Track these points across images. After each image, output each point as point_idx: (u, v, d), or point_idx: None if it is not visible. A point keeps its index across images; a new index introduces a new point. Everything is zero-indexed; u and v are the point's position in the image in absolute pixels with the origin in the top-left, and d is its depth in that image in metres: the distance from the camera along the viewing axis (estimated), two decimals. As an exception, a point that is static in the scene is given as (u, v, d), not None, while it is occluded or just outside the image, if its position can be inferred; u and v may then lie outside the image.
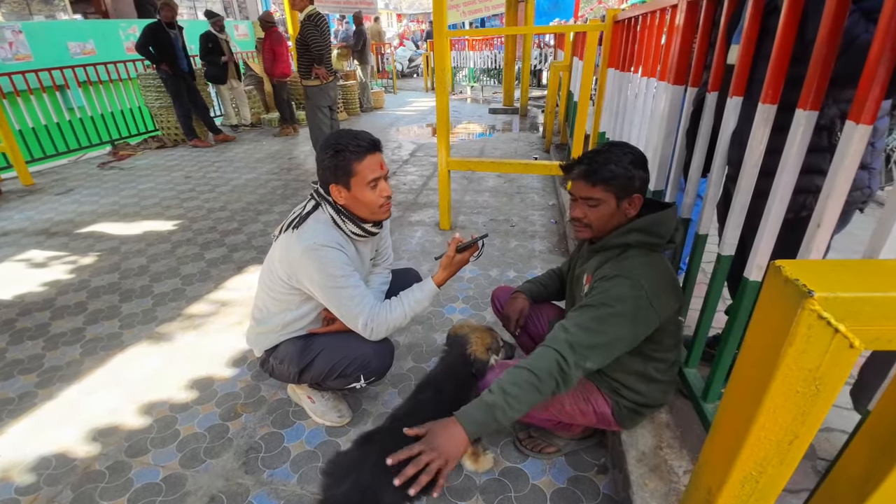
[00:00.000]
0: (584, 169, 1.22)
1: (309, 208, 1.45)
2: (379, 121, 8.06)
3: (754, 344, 0.56)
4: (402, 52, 13.88)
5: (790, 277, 0.49)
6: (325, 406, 1.69)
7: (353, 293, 1.41)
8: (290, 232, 1.42)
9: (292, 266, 1.41)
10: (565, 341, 1.13)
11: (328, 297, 1.41)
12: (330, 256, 1.38)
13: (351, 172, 1.35)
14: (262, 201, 4.17)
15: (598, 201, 1.22)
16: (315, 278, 1.39)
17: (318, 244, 1.37)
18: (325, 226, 1.43)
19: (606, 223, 1.25)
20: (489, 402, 1.10)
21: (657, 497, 1.25)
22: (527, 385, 1.10)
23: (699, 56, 1.38)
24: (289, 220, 1.47)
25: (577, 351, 1.11)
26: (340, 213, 1.43)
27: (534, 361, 1.13)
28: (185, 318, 2.41)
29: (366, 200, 1.39)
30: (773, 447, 0.57)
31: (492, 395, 1.10)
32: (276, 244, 1.50)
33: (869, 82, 0.72)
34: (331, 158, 1.35)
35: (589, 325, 1.13)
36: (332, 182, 1.38)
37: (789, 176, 0.94)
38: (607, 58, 2.62)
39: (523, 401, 1.09)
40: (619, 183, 1.19)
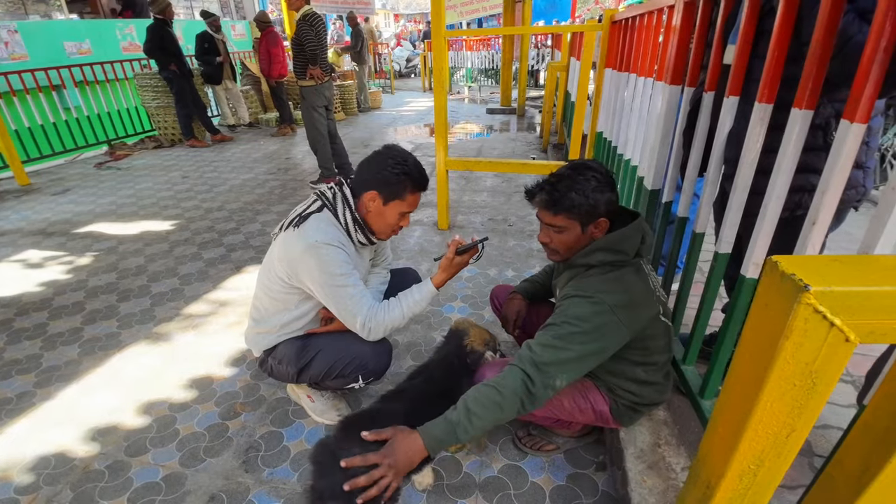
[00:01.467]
0: (545, 198, 1.22)
1: (313, 208, 1.45)
2: (377, 121, 8.06)
3: (751, 339, 0.57)
4: (400, 53, 13.88)
5: (786, 272, 0.50)
6: (325, 405, 1.70)
7: (352, 292, 1.41)
8: (291, 230, 1.42)
9: (293, 264, 1.42)
10: (530, 360, 1.14)
11: (327, 296, 1.42)
12: (331, 254, 1.38)
13: (399, 195, 1.40)
14: (260, 201, 4.17)
15: (562, 228, 1.23)
16: (315, 276, 1.39)
17: (319, 242, 1.37)
18: (326, 224, 1.43)
19: (572, 247, 1.26)
20: (452, 421, 1.12)
21: (655, 493, 1.26)
22: (491, 404, 1.11)
23: (696, 56, 1.39)
24: (289, 218, 1.47)
25: (542, 370, 1.12)
26: (357, 221, 1.44)
27: (500, 380, 1.14)
28: (183, 317, 2.41)
29: (389, 221, 1.45)
30: (770, 441, 0.57)
31: (455, 412, 1.13)
32: (275, 243, 1.50)
33: (863, 81, 0.73)
34: (397, 175, 1.38)
35: (553, 343, 1.14)
36: (376, 189, 1.40)
37: (785, 174, 0.95)
38: (605, 58, 2.63)
39: (485, 419, 1.11)
40: (580, 211, 1.19)
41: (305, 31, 3.95)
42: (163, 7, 5.54)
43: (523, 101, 7.47)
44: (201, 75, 6.56)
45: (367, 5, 8.49)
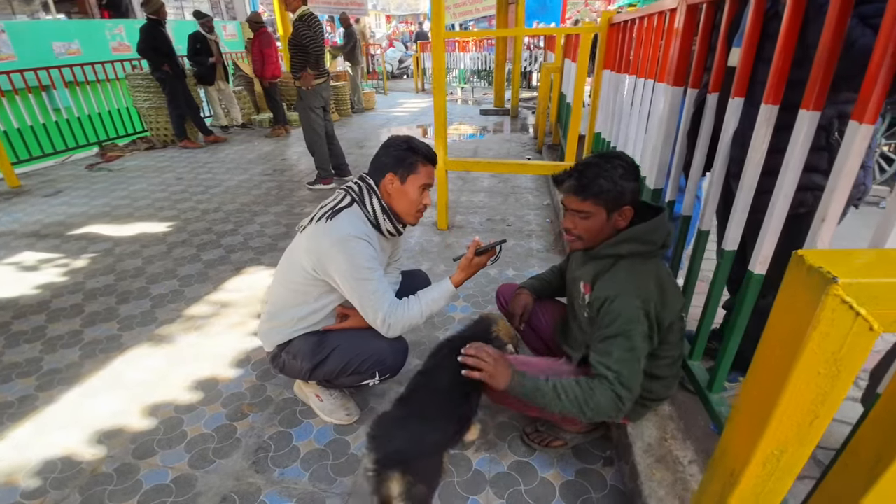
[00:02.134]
0: (573, 183, 1.25)
1: (344, 203, 1.48)
2: (371, 121, 8.06)
3: (777, 330, 0.59)
4: (392, 54, 13.89)
5: (814, 265, 0.53)
6: (334, 404, 1.71)
7: (377, 286, 1.44)
8: (323, 223, 1.45)
9: (321, 256, 1.43)
10: (617, 381, 1.18)
11: (352, 289, 1.43)
12: (360, 248, 1.41)
13: (414, 169, 1.47)
14: (257, 202, 4.15)
15: (588, 214, 1.25)
16: (343, 268, 1.41)
17: (350, 235, 1.41)
18: (356, 218, 1.47)
19: (596, 235, 1.28)
20: (541, 387, 1.23)
21: (664, 486, 1.29)
22: (575, 404, 1.19)
23: (699, 59, 1.43)
24: (320, 212, 1.50)
25: (627, 386, 1.18)
26: (385, 210, 1.49)
27: (593, 393, 1.18)
28: (185, 319, 2.40)
29: (411, 198, 1.50)
30: (794, 428, 0.60)
31: (547, 384, 1.23)
32: (301, 235, 1.53)
33: (872, 83, 0.76)
34: (404, 151, 1.47)
35: (627, 357, 1.19)
36: (391, 171, 1.47)
37: (793, 173, 0.98)
38: (602, 60, 2.66)
39: (562, 408, 1.21)
40: (608, 197, 1.21)
41: (304, 31, 3.93)
42: (157, 7, 5.50)
43: (517, 103, 7.51)
44: (194, 76, 6.52)
45: (360, 6, 8.48)
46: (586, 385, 1.20)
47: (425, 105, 9.55)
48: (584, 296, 1.32)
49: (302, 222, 1.58)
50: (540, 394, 1.22)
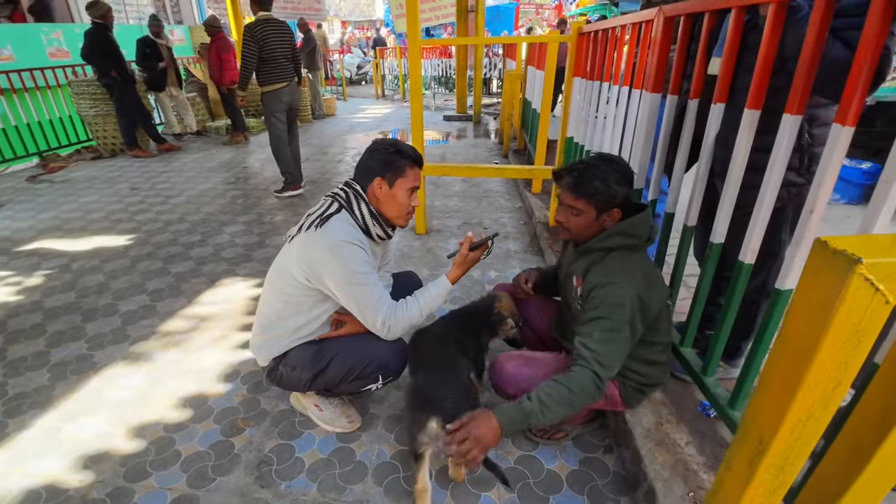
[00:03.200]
0: (571, 181, 1.33)
1: (332, 210, 1.47)
2: (333, 127, 7.97)
3: (802, 307, 0.66)
4: (350, 60, 13.78)
5: (838, 249, 0.60)
6: (334, 413, 1.69)
7: (373, 290, 1.44)
8: (313, 230, 1.43)
9: (314, 264, 1.42)
10: (595, 359, 1.23)
11: (349, 295, 1.43)
12: (354, 253, 1.41)
13: (402, 173, 1.47)
14: (224, 211, 4.02)
15: (580, 211, 1.34)
16: (337, 275, 1.40)
17: (343, 241, 1.40)
18: (347, 224, 1.46)
19: (584, 231, 1.37)
20: (527, 410, 1.20)
21: (667, 468, 1.36)
22: (563, 400, 1.21)
23: (678, 67, 1.54)
24: (308, 220, 1.48)
25: (606, 365, 1.24)
26: (374, 215, 1.48)
27: (570, 380, 1.23)
28: (161, 335, 2.29)
29: (400, 202, 1.50)
30: (819, 394, 0.67)
31: (530, 402, 1.21)
32: (290, 245, 1.51)
33: (853, 91, 0.87)
34: (391, 154, 1.47)
35: (608, 337, 1.25)
36: (379, 175, 1.47)
37: (779, 171, 1.08)
38: (573, 67, 2.78)
39: (557, 413, 1.21)
40: (600, 199, 1.30)
41: (245, 41, 3.87)
42: (104, 11, 5.23)
43: (479, 109, 7.65)
44: (144, 82, 6.22)
45: (318, 12, 8.38)
46: (564, 378, 1.23)
47: (388, 111, 9.54)
48: (577, 289, 1.39)
49: (289, 232, 1.57)
50: (533, 415, 1.20)
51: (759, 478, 0.76)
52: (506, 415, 1.20)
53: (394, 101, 11.17)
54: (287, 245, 1.55)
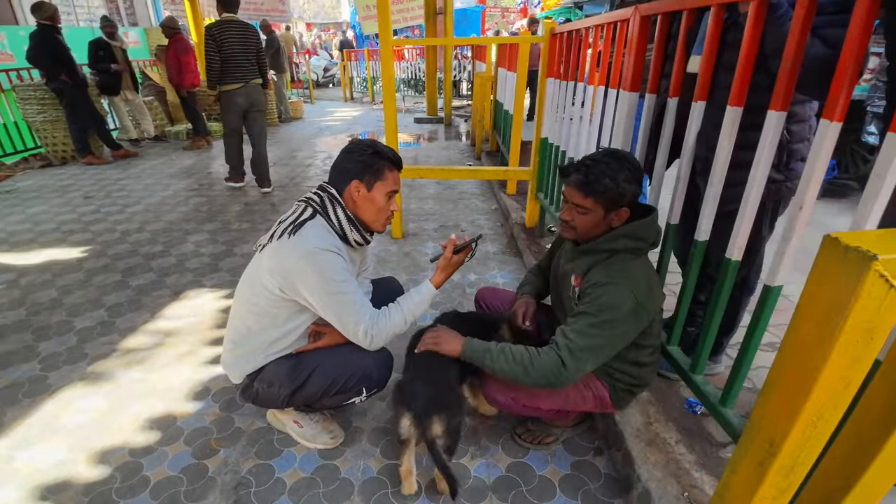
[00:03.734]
0: (580, 178, 1.28)
1: (306, 215, 1.39)
2: (301, 131, 7.79)
3: (812, 306, 0.64)
4: (317, 62, 13.53)
5: (851, 245, 0.59)
6: (315, 429, 1.61)
7: (353, 299, 1.37)
8: (286, 239, 1.35)
9: (288, 273, 1.34)
10: (566, 346, 1.24)
11: (327, 305, 1.35)
12: (330, 260, 1.34)
13: (381, 175, 1.42)
14: (187, 220, 3.83)
15: (587, 210, 1.29)
16: (314, 284, 1.33)
17: (318, 248, 1.32)
18: (322, 230, 1.38)
19: (591, 230, 1.33)
20: (489, 348, 1.33)
21: (659, 468, 1.35)
22: (519, 366, 1.27)
23: (656, 65, 1.54)
24: (280, 228, 1.40)
25: (576, 356, 1.23)
26: (350, 220, 1.41)
27: (537, 355, 1.27)
28: (122, 353, 2.14)
29: (379, 205, 1.44)
30: (831, 394, 0.66)
31: (496, 347, 1.33)
32: (261, 255, 1.43)
33: (840, 87, 0.87)
34: (369, 156, 1.40)
35: (587, 332, 1.23)
36: (356, 178, 1.40)
37: (764, 167, 1.09)
38: (546, 68, 2.79)
39: (506, 371, 1.29)
40: (609, 196, 1.26)
41: (206, 42, 4.00)
42: (51, 12, 4.94)
43: (450, 111, 7.64)
44: (97, 86, 5.90)
45: (283, 13, 8.18)
46: (532, 352, 1.27)
47: (357, 113, 9.41)
48: (575, 288, 1.36)
49: (259, 241, 1.49)
50: (489, 355, 1.30)
51: (770, 480, 0.75)
52: (471, 342, 1.36)
53: (363, 104, 11.04)
54: (258, 254, 1.47)
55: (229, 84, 4.14)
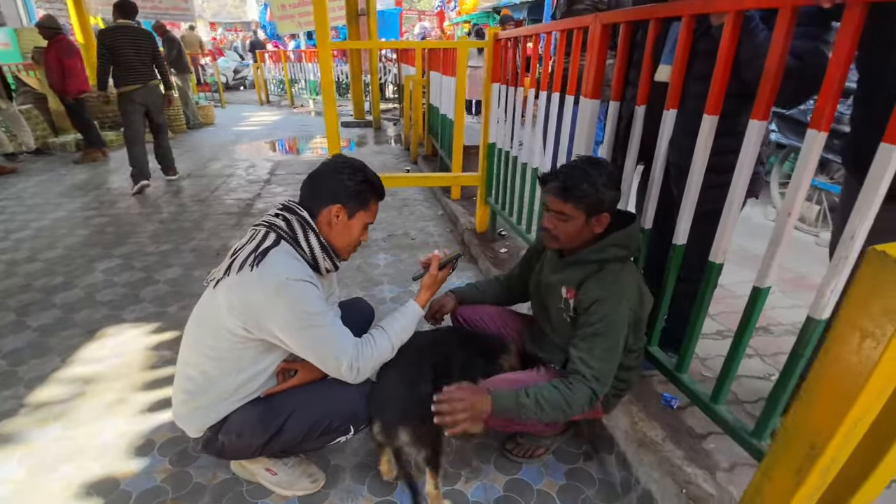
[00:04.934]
0: (558, 185, 1.28)
1: (268, 242, 1.23)
2: (214, 137, 7.21)
3: (862, 314, 0.66)
4: (225, 63, 12.60)
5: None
6: (292, 474, 1.44)
7: (332, 331, 1.24)
8: (247, 271, 1.19)
9: (254, 311, 1.19)
10: (594, 378, 1.25)
11: (302, 340, 1.21)
12: (304, 290, 1.20)
13: (365, 205, 1.33)
14: (90, 244, 3.35)
15: (568, 216, 1.29)
16: (286, 319, 1.19)
17: (289, 278, 1.18)
18: (290, 258, 1.24)
19: (574, 237, 1.33)
20: (522, 403, 1.23)
21: (655, 468, 1.38)
22: (557, 408, 1.24)
23: (619, 73, 1.57)
24: (238, 258, 1.22)
25: (602, 382, 1.26)
26: (325, 247, 1.28)
27: (570, 394, 1.24)
28: (32, 408, 1.80)
29: (353, 235, 1.34)
30: (875, 397, 0.68)
31: (527, 398, 1.23)
32: (214, 292, 1.26)
33: (825, 101, 0.93)
34: (359, 183, 1.31)
35: (607, 357, 1.26)
36: (339, 202, 1.28)
37: (746, 172, 1.14)
38: (490, 73, 2.79)
39: (547, 416, 1.25)
40: (589, 202, 1.26)
41: (98, 46, 4.25)
42: None
43: (378, 115, 7.48)
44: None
45: (185, 11, 7.48)
46: (564, 388, 1.25)
47: (277, 118, 8.91)
48: (568, 300, 1.35)
49: (211, 274, 1.32)
50: (525, 409, 1.23)
51: (810, 482, 0.76)
52: (500, 400, 1.23)
53: (281, 107, 10.49)
54: (210, 291, 1.29)
55: (125, 85, 4.36)
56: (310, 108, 10.03)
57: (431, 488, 1.32)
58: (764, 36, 1.16)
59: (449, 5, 13.43)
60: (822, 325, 1.00)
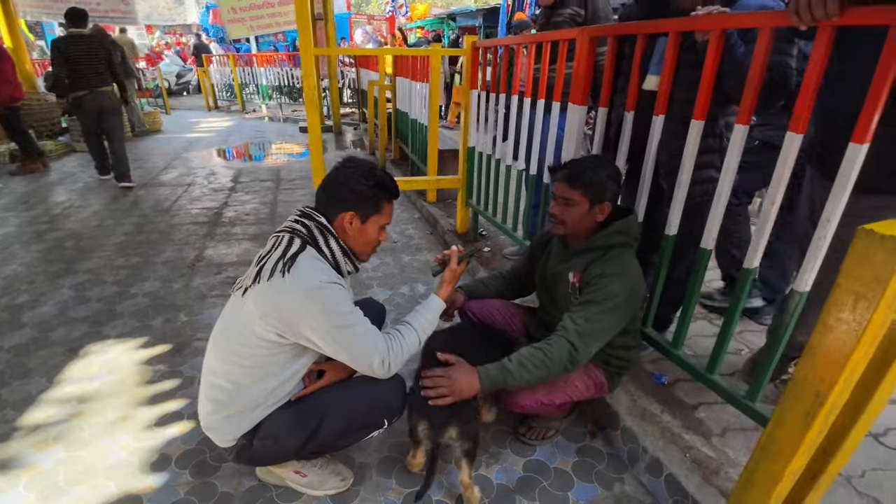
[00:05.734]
0: (566, 173, 1.44)
1: (295, 248, 1.27)
2: (165, 145, 6.89)
3: (851, 283, 0.81)
4: (167, 68, 11.98)
5: (886, 234, 0.77)
6: (322, 475, 1.48)
7: (364, 329, 1.30)
8: (279, 277, 1.22)
9: (290, 317, 1.23)
10: (576, 332, 1.36)
11: (336, 341, 1.26)
12: (335, 293, 1.25)
13: (378, 209, 1.34)
14: (50, 260, 3.17)
15: (574, 202, 1.44)
16: (321, 322, 1.23)
17: (322, 282, 1.23)
18: (319, 262, 1.29)
19: (578, 223, 1.47)
20: (506, 368, 1.36)
21: (658, 437, 1.53)
22: (540, 364, 1.35)
23: (607, 82, 1.73)
24: (266, 267, 1.25)
25: (584, 340, 1.36)
26: (345, 251, 1.33)
27: (549, 348, 1.36)
28: (27, 431, 1.71)
29: (370, 238, 1.37)
30: (868, 349, 0.85)
31: (511, 363, 1.36)
32: (242, 300, 1.28)
33: (803, 105, 1.10)
34: (371, 188, 1.30)
35: (593, 318, 1.38)
36: (352, 209, 1.30)
37: (732, 173, 1.31)
38: (468, 80, 2.90)
39: (533, 376, 1.36)
40: (594, 189, 1.42)
41: (53, 54, 4.45)
42: None
43: (338, 120, 7.42)
44: None
45: (126, 14, 7.09)
46: (543, 345, 1.38)
47: (229, 123, 8.61)
48: (575, 284, 1.49)
49: (240, 282, 1.34)
50: (510, 376, 1.35)
51: (817, 425, 0.92)
52: (487, 373, 1.35)
53: (231, 113, 10.15)
54: (238, 300, 1.31)
55: (77, 91, 4.54)
56: (263, 113, 9.77)
57: (466, 478, 1.38)
58: (742, 52, 1.34)
59: (400, 10, 13.50)
60: (804, 296, 1.18)
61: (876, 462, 1.43)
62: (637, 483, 1.53)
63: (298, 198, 4.54)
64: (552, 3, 2.36)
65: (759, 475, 1.03)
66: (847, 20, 0.98)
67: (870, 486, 1.35)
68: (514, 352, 1.43)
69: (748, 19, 1.25)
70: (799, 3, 1.02)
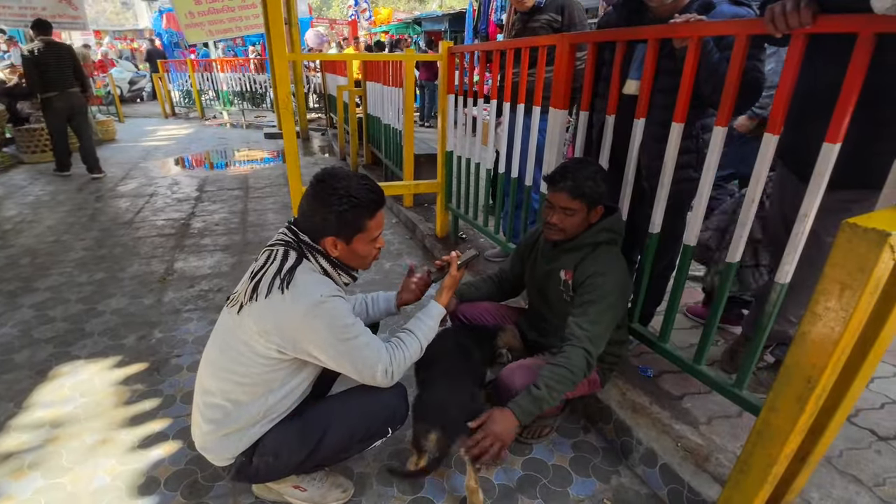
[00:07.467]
0: (569, 184, 1.46)
1: (291, 261, 1.24)
2: (122, 154, 6.60)
3: (837, 273, 0.87)
4: (119, 74, 11.43)
5: (868, 227, 0.83)
6: (322, 488, 1.45)
7: (365, 340, 1.28)
8: (279, 294, 1.20)
9: (290, 333, 1.20)
10: (587, 338, 1.41)
11: (339, 354, 1.24)
12: (337, 306, 1.23)
13: (360, 228, 1.25)
14: (5, 279, 2.99)
15: (575, 211, 1.48)
16: (324, 337, 1.21)
17: (324, 296, 1.20)
18: (318, 275, 1.27)
19: (577, 229, 1.53)
20: (537, 396, 1.37)
21: (650, 428, 1.59)
22: (566, 381, 1.38)
23: (588, 87, 1.78)
24: (263, 282, 1.22)
25: (595, 343, 1.42)
26: (336, 265, 1.30)
27: (568, 361, 1.39)
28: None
29: (362, 254, 1.31)
30: (854, 334, 0.91)
31: (539, 390, 1.37)
32: (239, 317, 1.25)
33: (778, 110, 1.18)
34: (345, 212, 1.21)
35: (597, 320, 1.43)
36: (332, 235, 1.24)
37: (712, 172, 1.38)
38: (445, 84, 2.93)
39: (562, 392, 1.39)
40: (592, 197, 1.47)
41: (25, 60, 4.99)
42: None
43: (306, 125, 7.30)
44: None
45: (76, 19, 6.72)
46: (562, 360, 1.40)
47: (189, 131, 8.32)
48: (567, 281, 1.53)
49: (233, 298, 1.30)
50: (541, 400, 1.37)
51: (809, 409, 0.98)
52: (520, 407, 1.36)
53: (190, 120, 9.80)
54: (234, 316, 1.27)
55: (48, 92, 5.05)
56: (224, 120, 9.49)
57: (472, 482, 1.38)
58: (717, 58, 1.41)
59: (363, 15, 13.43)
60: (785, 287, 1.26)
61: (851, 442, 1.53)
62: (632, 475, 1.58)
63: (269, 206, 4.44)
64: (529, 8, 2.41)
65: (755, 459, 1.09)
66: (819, 28, 1.06)
67: (848, 465, 1.44)
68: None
69: (726, 27, 1.32)
70: (774, 11, 1.09)
